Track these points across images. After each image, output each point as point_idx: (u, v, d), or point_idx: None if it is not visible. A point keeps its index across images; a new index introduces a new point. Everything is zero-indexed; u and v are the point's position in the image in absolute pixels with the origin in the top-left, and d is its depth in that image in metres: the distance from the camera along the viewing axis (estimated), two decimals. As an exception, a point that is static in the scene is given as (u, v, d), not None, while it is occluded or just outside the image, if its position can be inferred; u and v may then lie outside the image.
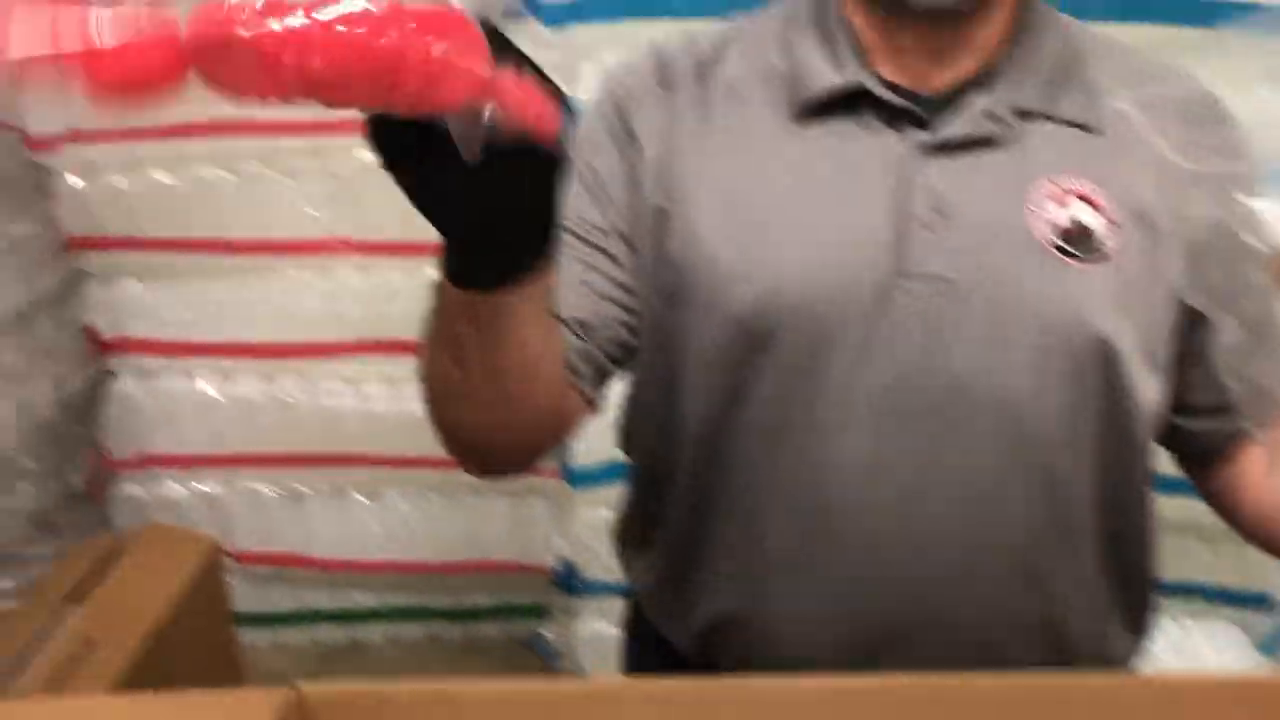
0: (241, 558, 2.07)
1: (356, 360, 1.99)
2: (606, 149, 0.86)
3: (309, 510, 2.11)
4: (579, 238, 0.84)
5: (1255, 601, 1.76)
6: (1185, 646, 1.73)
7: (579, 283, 0.83)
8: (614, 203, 0.85)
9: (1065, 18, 0.86)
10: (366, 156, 1.77)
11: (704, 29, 0.91)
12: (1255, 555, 1.79)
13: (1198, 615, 1.79)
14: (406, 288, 1.93)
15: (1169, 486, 0.98)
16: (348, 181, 1.90)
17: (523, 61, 0.55)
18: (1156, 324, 0.81)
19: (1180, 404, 0.86)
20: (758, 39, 0.87)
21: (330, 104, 0.49)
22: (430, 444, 2.11)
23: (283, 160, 1.90)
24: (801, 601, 0.83)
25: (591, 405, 0.86)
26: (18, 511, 1.85)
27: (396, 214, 1.86)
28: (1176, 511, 1.40)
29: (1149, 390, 0.81)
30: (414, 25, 0.49)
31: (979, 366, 0.77)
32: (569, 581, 1.89)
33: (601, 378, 0.86)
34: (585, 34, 1.69)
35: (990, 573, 0.81)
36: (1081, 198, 0.79)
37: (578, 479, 1.79)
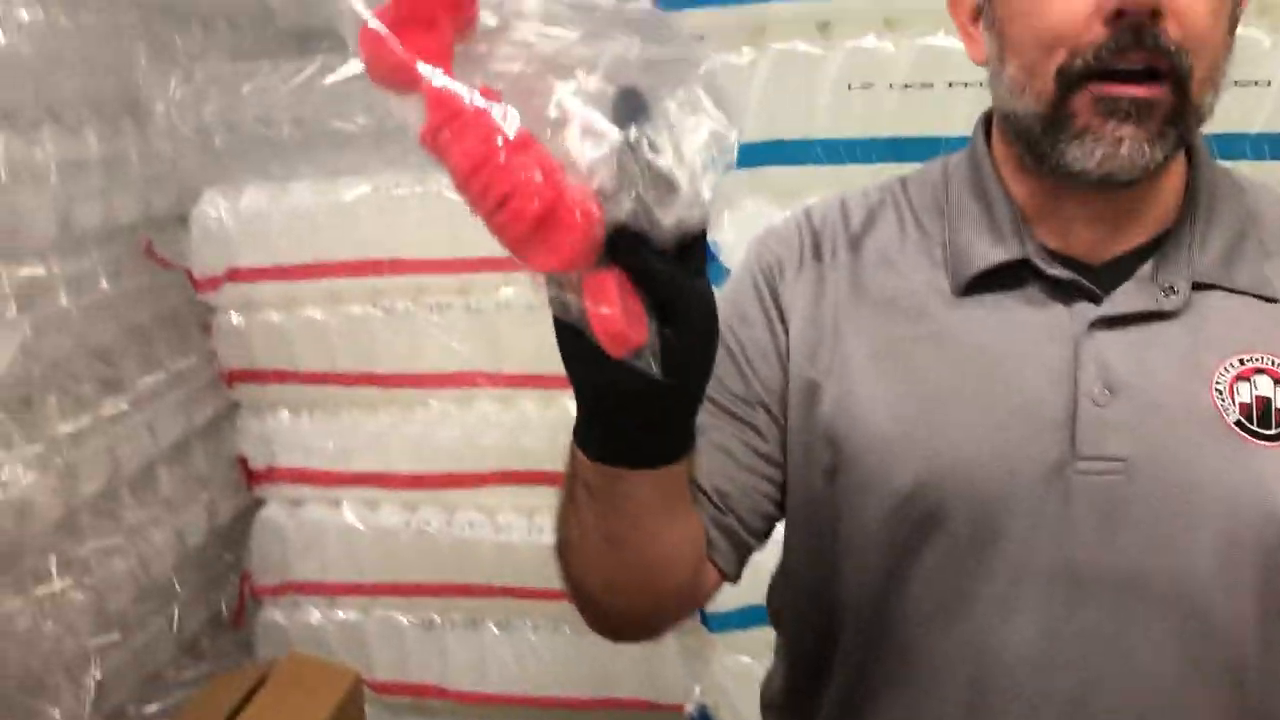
0: (378, 687, 2.07)
1: (493, 491, 2.01)
2: (753, 319, 0.86)
3: (444, 641, 2.10)
4: (721, 408, 0.84)
5: None
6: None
7: (720, 452, 0.83)
8: (759, 374, 0.84)
9: (1240, 177, 0.83)
10: (508, 293, 1.83)
11: (854, 193, 0.90)
12: None
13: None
14: (542, 420, 1.96)
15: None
16: (490, 317, 1.94)
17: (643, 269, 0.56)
18: None
19: None
20: (912, 206, 0.85)
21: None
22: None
23: (429, 296, 1.96)
24: None
25: (727, 578, 0.85)
26: (167, 636, 1.90)
27: (534, 348, 1.95)
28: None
29: None
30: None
31: (1158, 553, 0.73)
32: (703, 721, 1.83)
33: (739, 550, 0.85)
34: (726, 179, 1.72)
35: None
36: (1262, 372, 0.74)
37: (715, 624, 1.75)
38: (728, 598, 1.70)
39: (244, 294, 1.99)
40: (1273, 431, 0.73)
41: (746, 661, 1.76)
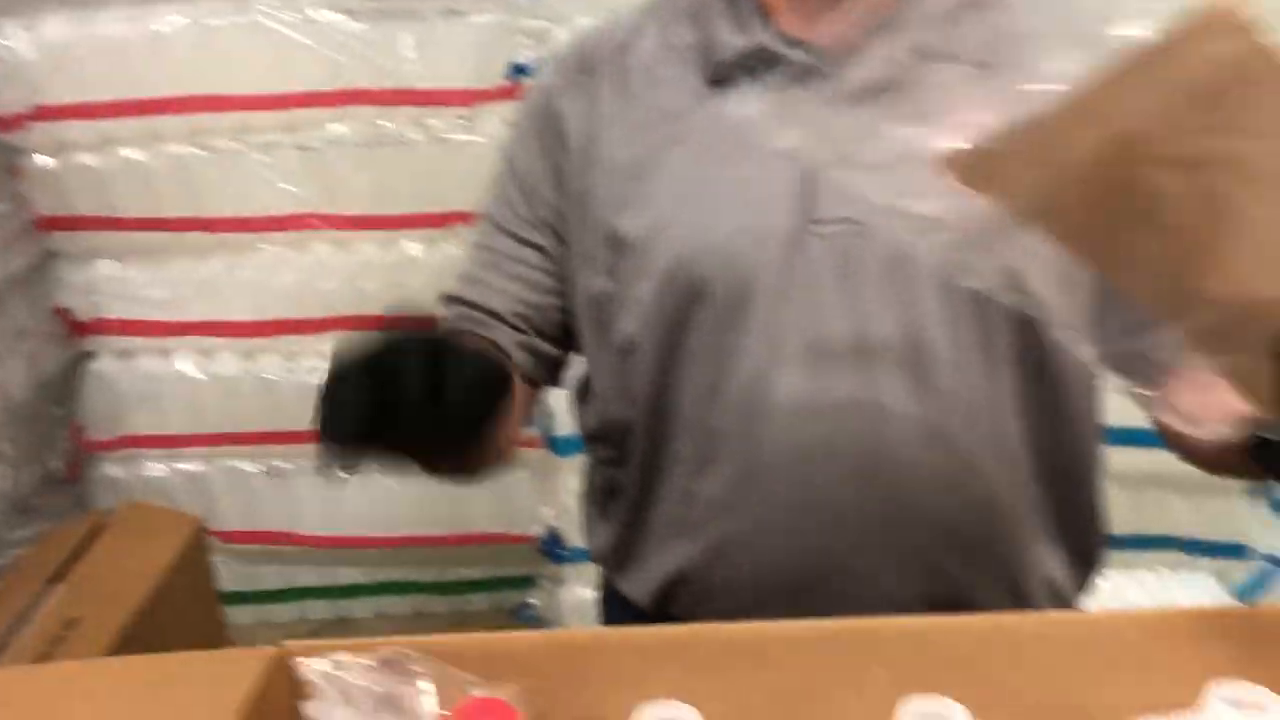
0: (226, 536, 2.06)
1: (335, 336, 1.96)
2: (533, 148, 0.92)
3: (293, 487, 2.09)
4: (510, 234, 0.91)
5: (1230, 552, 1.78)
6: (1162, 597, 1.75)
7: (513, 278, 0.91)
8: (543, 197, 0.91)
9: None
10: (339, 130, 1.77)
11: (627, 9, 0.93)
12: (1230, 507, 1.82)
13: (1175, 566, 1.81)
14: (382, 263, 1.93)
15: (1142, 440, 1.00)
16: (321, 156, 1.88)
17: None
18: None
19: None
20: (671, 14, 0.89)
21: None
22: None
23: (255, 135, 1.89)
24: (743, 547, 0.85)
25: (539, 387, 0.93)
26: (-3, 494, 1.84)
27: (370, 188, 1.91)
28: (1152, 465, 1.42)
29: (1064, 309, 0.82)
30: None
31: (888, 304, 0.80)
32: (554, 550, 1.89)
33: (547, 362, 0.93)
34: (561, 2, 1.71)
35: (928, 502, 0.83)
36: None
37: (561, 447, 1.79)
38: (572, 421, 1.76)
39: (53, 134, 1.88)
40: None
41: (593, 485, 1.83)
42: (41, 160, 1.90)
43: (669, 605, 0.91)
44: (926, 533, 0.83)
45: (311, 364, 2.00)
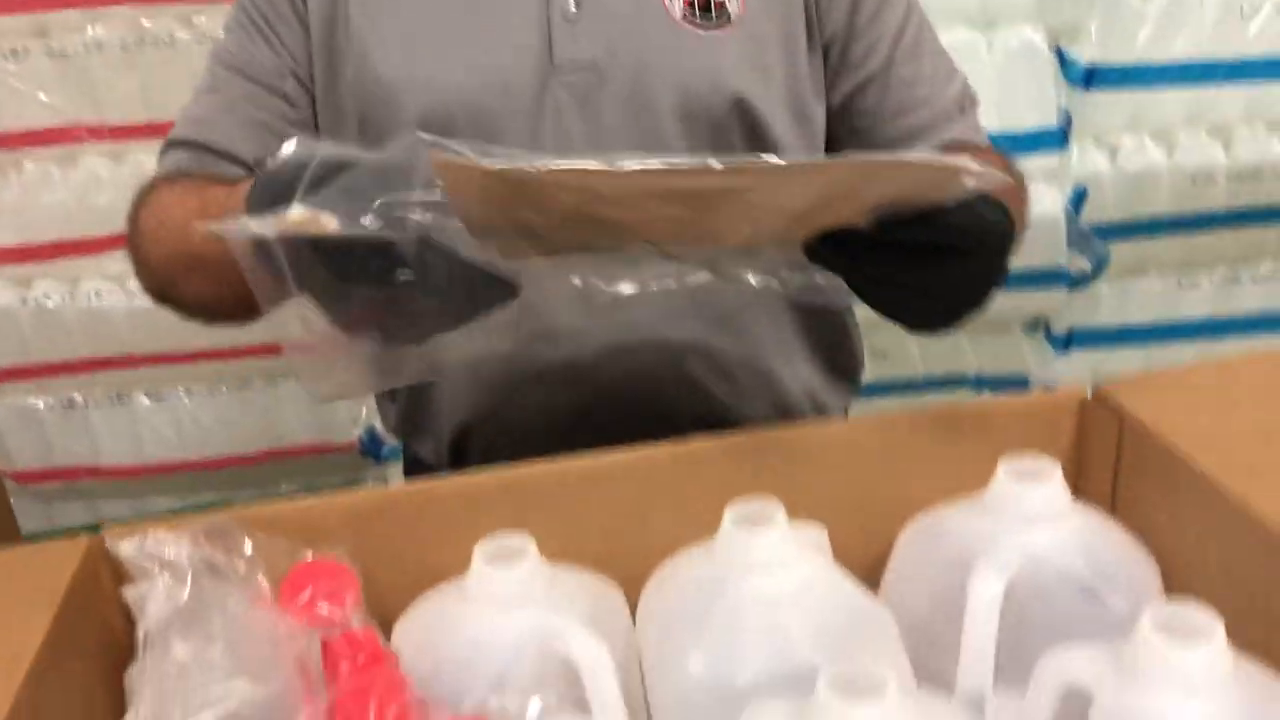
0: (22, 477, 1.95)
1: (118, 255, 1.80)
2: None
3: (89, 420, 1.99)
4: (253, 80, 0.88)
5: (1015, 384, 1.92)
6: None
7: (256, 124, 0.87)
8: (285, 44, 0.88)
9: None
10: (97, 33, 1.64)
11: None
12: (1013, 343, 1.95)
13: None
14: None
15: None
16: (80, 62, 1.75)
17: None
18: (797, 76, 0.87)
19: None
20: None
21: None
22: (212, 336, 2.02)
23: (4, 42, 1.74)
24: (521, 390, 0.88)
25: None
26: None
27: (139, 93, 1.79)
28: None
29: (796, 141, 0.88)
30: None
31: (633, 142, 0.84)
32: (375, 449, 1.88)
33: None
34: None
35: (688, 329, 0.87)
36: None
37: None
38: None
39: None
40: (714, 20, 0.85)
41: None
42: None
43: (463, 460, 0.93)
44: (689, 359, 0.88)
45: (95, 286, 1.88)
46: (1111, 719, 0.50)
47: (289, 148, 0.60)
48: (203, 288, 0.79)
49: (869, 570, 0.67)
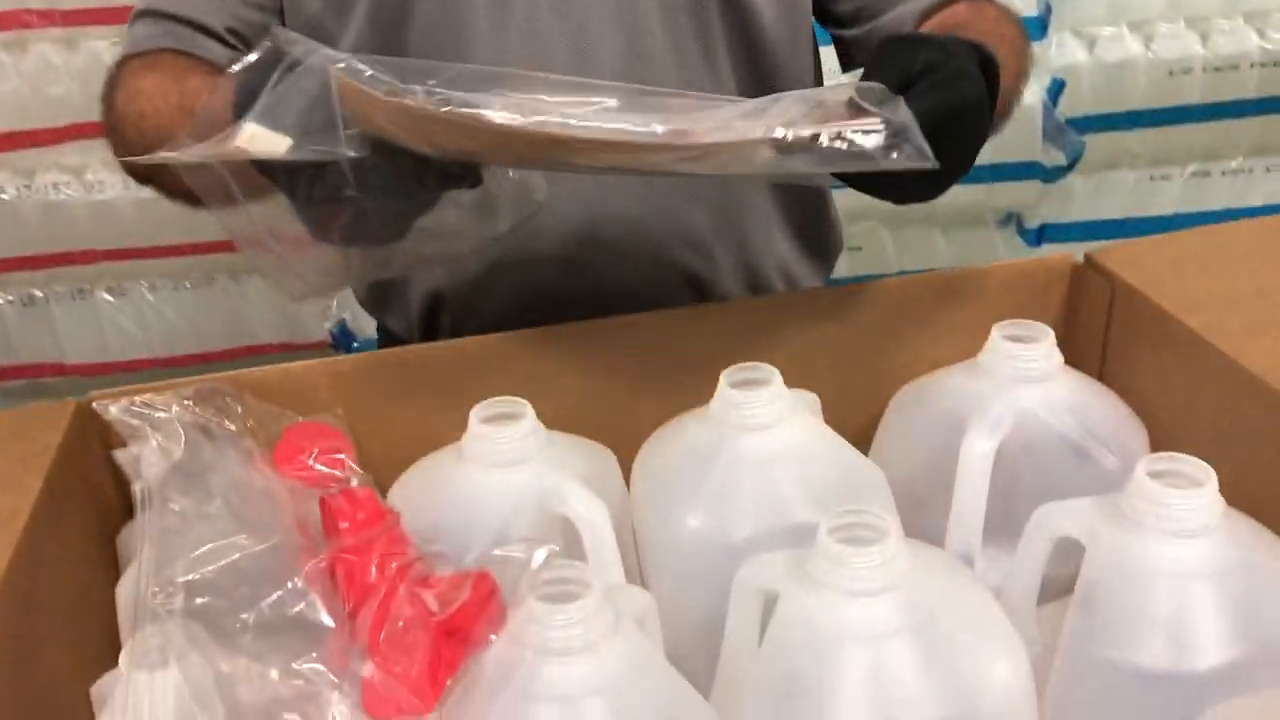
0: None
1: (75, 146, 1.81)
2: None
3: (51, 316, 1.95)
4: None
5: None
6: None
7: None
8: None
9: None
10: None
11: None
12: (985, 237, 1.95)
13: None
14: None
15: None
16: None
17: None
18: None
19: (837, 17, 0.91)
20: None
21: None
22: (175, 229, 1.97)
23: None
24: (496, 270, 0.86)
25: None
26: None
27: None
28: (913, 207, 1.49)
29: (775, 13, 0.85)
30: None
31: (609, 28, 0.81)
32: (347, 342, 1.86)
33: None
34: None
35: (665, 205, 0.86)
36: None
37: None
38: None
39: None
40: None
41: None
42: None
43: (434, 334, 0.92)
44: (665, 233, 0.86)
45: (51, 179, 1.83)
46: (1105, 565, 0.51)
47: (257, 52, 0.58)
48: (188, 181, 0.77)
49: (860, 437, 0.67)
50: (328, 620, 0.46)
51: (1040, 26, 1.69)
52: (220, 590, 0.45)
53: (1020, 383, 0.62)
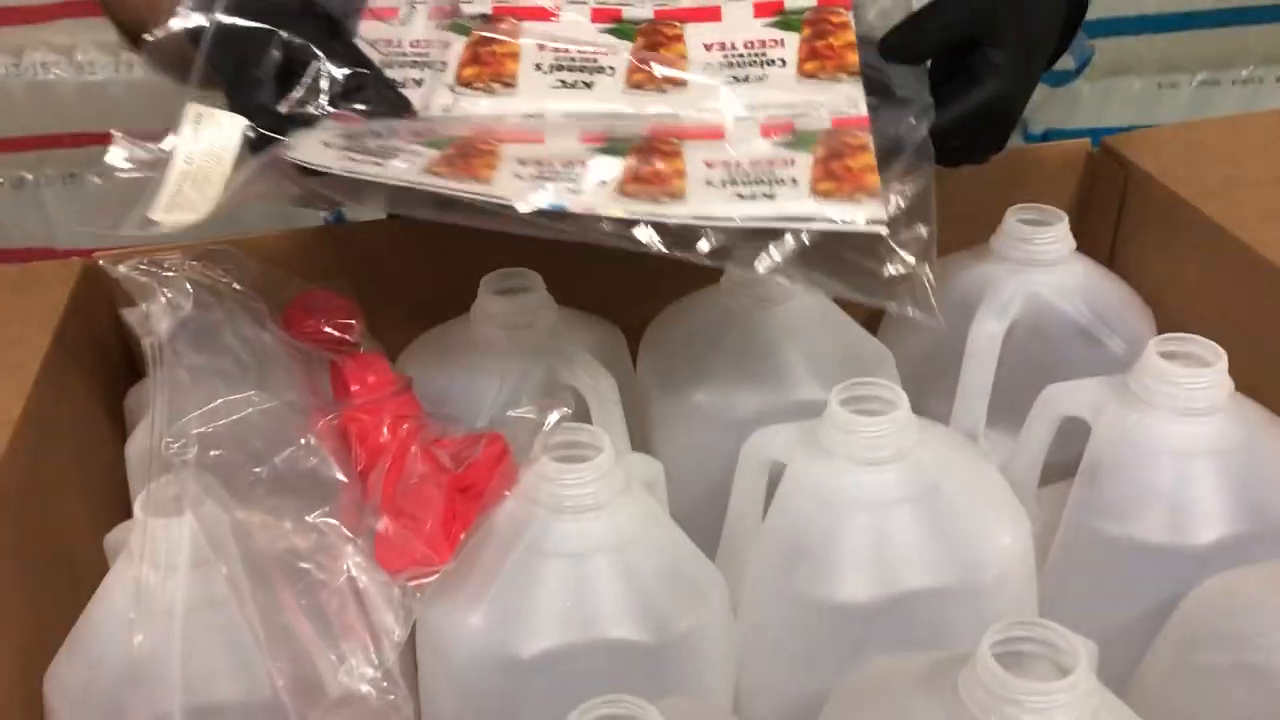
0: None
1: (65, 25, 1.79)
2: None
3: (41, 199, 1.93)
4: None
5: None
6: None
7: None
8: None
9: None
10: None
11: None
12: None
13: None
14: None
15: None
16: None
17: None
18: None
19: None
20: None
21: None
22: (167, 112, 1.93)
23: None
24: None
25: None
26: None
27: None
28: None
29: None
30: None
31: None
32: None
33: None
34: None
35: None
36: None
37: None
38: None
39: None
40: None
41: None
42: None
43: None
44: None
45: (40, 58, 1.80)
46: (1110, 441, 0.51)
47: None
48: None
49: (869, 323, 0.67)
50: (340, 476, 0.47)
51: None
52: (233, 444, 0.45)
53: (1031, 266, 0.62)
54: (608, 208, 0.44)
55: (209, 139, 0.48)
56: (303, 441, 0.47)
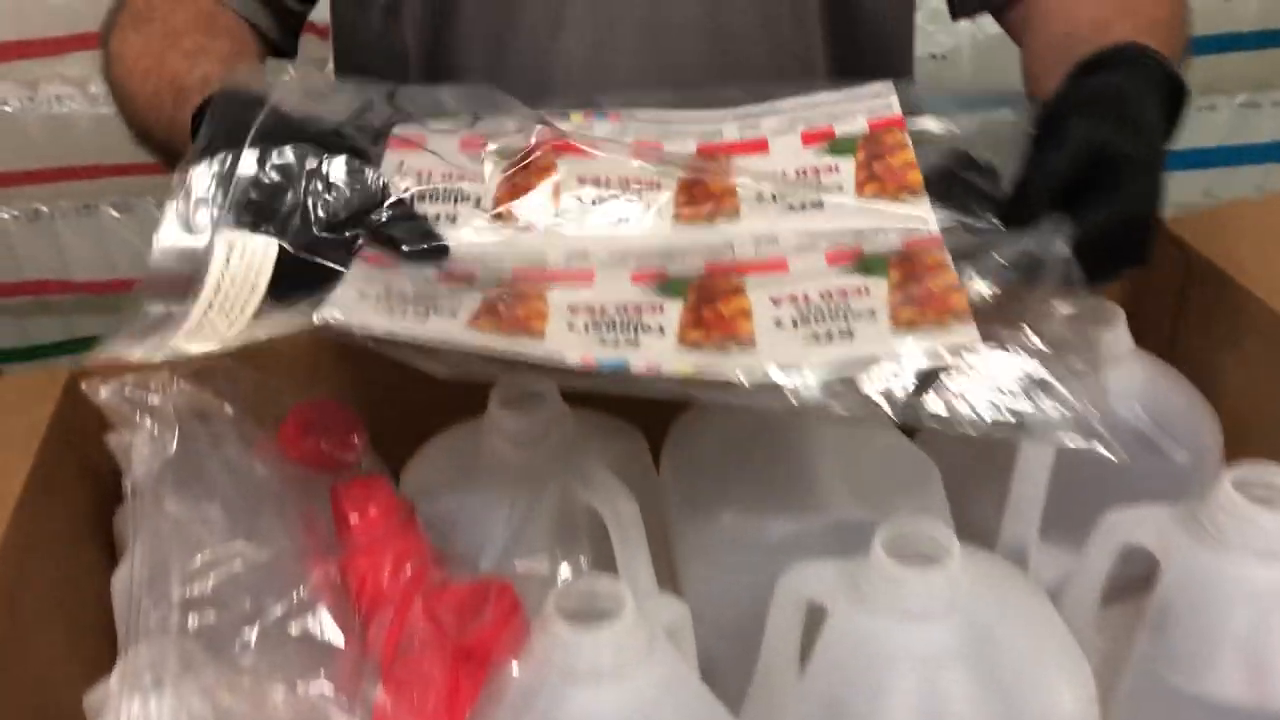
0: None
1: (77, 58, 1.80)
2: None
3: (56, 231, 1.93)
4: None
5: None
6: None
7: None
8: None
9: None
10: None
11: None
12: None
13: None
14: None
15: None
16: None
17: None
18: None
19: None
20: None
21: None
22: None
23: None
24: None
25: (284, 53, 0.84)
26: None
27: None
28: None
29: None
30: None
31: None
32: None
33: (285, 23, 0.82)
34: None
35: None
36: None
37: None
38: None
39: None
40: None
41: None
42: None
43: None
44: None
45: (55, 90, 1.80)
46: (1181, 585, 0.47)
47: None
48: None
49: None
50: (336, 637, 0.43)
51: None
52: (220, 604, 0.42)
53: (1087, 366, 0.57)
54: (673, 364, 0.41)
55: (241, 268, 0.45)
56: (296, 596, 0.43)
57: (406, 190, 0.49)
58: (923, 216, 0.46)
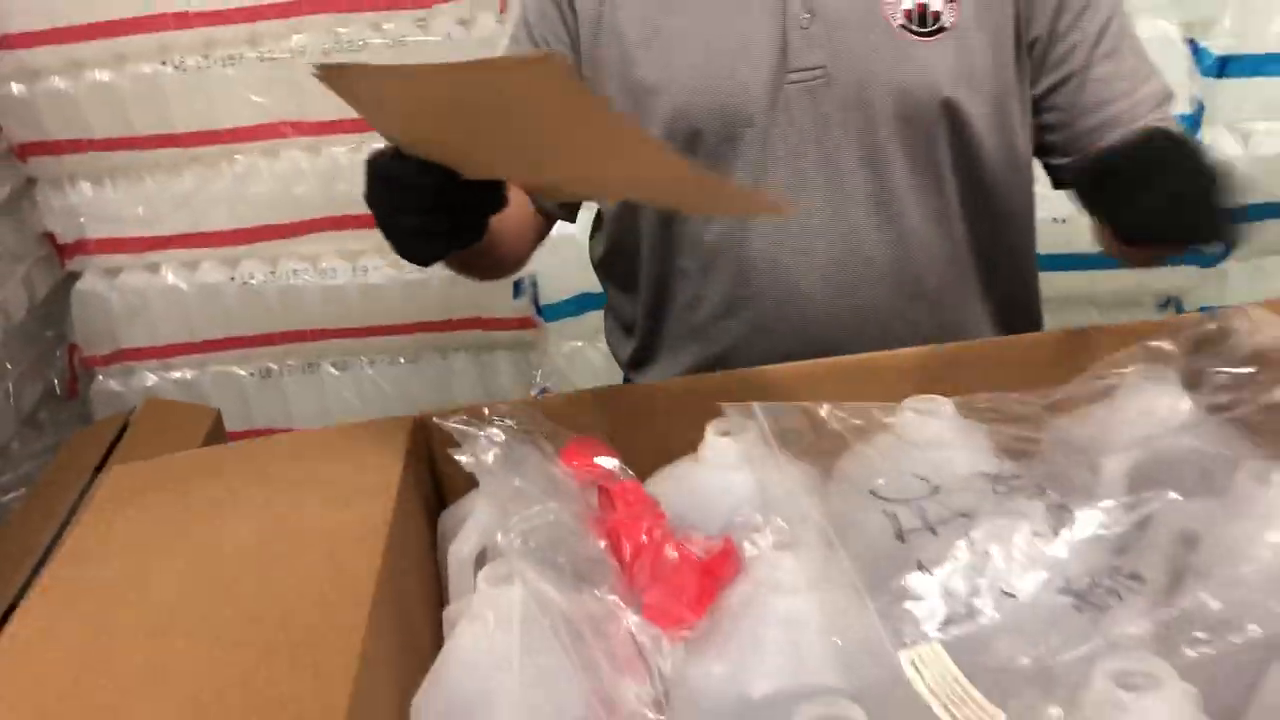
0: (228, 437, 2.16)
1: (312, 239, 2.06)
2: (549, 13, 1.05)
3: (283, 386, 2.20)
4: None
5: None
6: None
7: None
8: (560, 50, 1.04)
9: None
10: (300, 40, 1.92)
11: None
12: (1143, 317, 2.03)
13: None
14: (352, 164, 2.01)
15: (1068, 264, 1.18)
16: (286, 66, 1.94)
17: None
18: (1002, 80, 0.99)
19: (1049, 147, 1.05)
20: None
21: None
22: (393, 312, 2.22)
23: (219, 50, 1.95)
24: (742, 345, 1.04)
25: (554, 219, 1.13)
26: (6, 410, 1.92)
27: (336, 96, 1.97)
28: (1075, 286, 1.64)
29: (995, 142, 1.00)
30: None
31: (852, 134, 0.97)
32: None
33: (565, 203, 1.10)
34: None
35: (885, 299, 1.01)
36: None
37: (549, 314, 2.00)
38: (557, 289, 1.93)
39: (21, 61, 1.93)
40: (930, 29, 0.96)
41: (578, 345, 2.03)
42: (13, 88, 1.95)
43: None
44: (884, 323, 1.02)
45: (292, 266, 2.07)
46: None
47: None
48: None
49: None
50: (615, 565, 0.64)
51: (1193, 123, 1.80)
52: (542, 539, 0.63)
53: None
54: None
55: None
56: (589, 540, 0.64)
57: None
58: None
